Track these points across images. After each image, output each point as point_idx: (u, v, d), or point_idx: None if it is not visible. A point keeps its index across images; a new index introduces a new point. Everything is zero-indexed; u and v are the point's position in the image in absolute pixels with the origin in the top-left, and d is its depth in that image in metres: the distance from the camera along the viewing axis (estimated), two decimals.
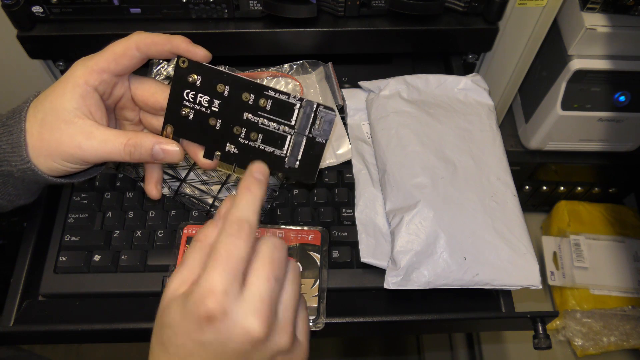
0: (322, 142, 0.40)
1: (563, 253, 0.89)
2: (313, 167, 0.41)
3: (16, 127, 0.38)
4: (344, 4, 0.56)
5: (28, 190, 0.43)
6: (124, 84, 0.41)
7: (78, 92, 0.38)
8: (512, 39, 0.61)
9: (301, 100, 0.39)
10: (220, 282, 0.30)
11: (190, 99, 0.40)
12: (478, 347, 0.89)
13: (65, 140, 0.37)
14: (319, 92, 0.59)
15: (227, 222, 0.32)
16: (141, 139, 0.39)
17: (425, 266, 0.47)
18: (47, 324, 0.47)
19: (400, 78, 0.59)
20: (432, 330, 0.80)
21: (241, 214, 0.32)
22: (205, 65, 0.40)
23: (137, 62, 0.39)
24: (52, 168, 0.39)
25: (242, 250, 0.31)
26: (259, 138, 0.41)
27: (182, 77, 0.40)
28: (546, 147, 0.78)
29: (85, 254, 0.50)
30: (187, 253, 0.34)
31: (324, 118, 0.39)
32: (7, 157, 0.38)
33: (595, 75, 0.67)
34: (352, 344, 1.14)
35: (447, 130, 0.55)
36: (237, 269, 0.30)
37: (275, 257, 0.32)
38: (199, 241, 0.34)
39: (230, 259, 0.30)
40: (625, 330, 0.82)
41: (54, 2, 0.54)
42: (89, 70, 0.38)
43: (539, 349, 0.47)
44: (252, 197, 0.34)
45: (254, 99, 0.40)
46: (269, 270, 0.32)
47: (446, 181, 0.50)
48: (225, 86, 0.40)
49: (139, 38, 0.38)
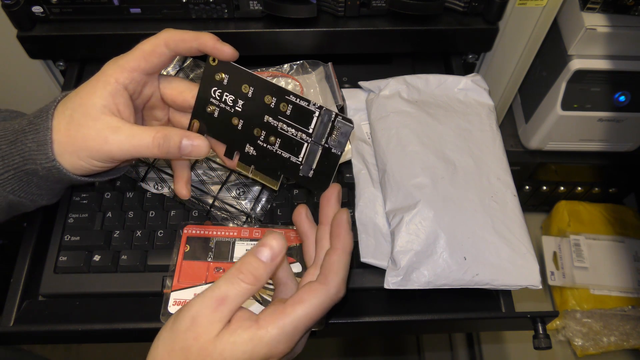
0: (337, 154, 0.40)
1: (563, 253, 0.89)
2: (326, 178, 0.40)
3: (43, 126, 0.38)
4: (344, 4, 0.56)
5: (51, 191, 0.43)
6: (154, 83, 0.42)
7: (108, 90, 0.38)
8: (512, 39, 0.61)
9: (320, 108, 0.39)
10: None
11: (217, 97, 0.41)
12: (478, 347, 0.89)
13: (92, 135, 0.37)
14: (319, 92, 0.59)
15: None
16: (169, 131, 0.39)
17: (425, 266, 0.47)
18: (47, 324, 0.47)
19: (400, 78, 0.59)
20: (432, 330, 0.80)
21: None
22: (233, 64, 0.40)
23: (166, 59, 0.40)
24: (76, 166, 0.39)
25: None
26: (277, 143, 0.41)
27: (211, 74, 0.40)
28: (546, 147, 0.78)
29: (85, 254, 0.50)
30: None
31: (340, 129, 0.39)
32: (33, 156, 0.38)
33: (595, 75, 0.67)
34: (352, 344, 1.14)
35: (447, 130, 0.55)
36: None
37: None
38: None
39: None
40: (625, 330, 0.82)
41: (54, 2, 0.54)
42: (120, 69, 0.38)
43: (539, 349, 0.47)
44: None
45: (275, 102, 0.40)
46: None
47: (446, 181, 0.50)
48: (249, 87, 0.40)
49: (168, 35, 0.39)
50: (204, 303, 0.33)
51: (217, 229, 0.51)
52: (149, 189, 0.54)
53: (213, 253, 0.49)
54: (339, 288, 0.35)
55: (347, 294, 0.36)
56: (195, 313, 0.32)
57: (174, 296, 0.46)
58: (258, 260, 0.33)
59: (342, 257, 0.36)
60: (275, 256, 0.34)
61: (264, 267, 0.33)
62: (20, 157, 0.39)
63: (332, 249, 0.36)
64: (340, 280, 0.35)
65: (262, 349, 0.32)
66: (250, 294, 0.33)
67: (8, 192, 0.40)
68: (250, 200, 0.53)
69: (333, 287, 0.34)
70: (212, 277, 0.48)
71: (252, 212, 0.52)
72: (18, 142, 0.39)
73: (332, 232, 0.37)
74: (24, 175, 0.39)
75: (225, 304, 0.33)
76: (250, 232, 0.51)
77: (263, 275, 0.33)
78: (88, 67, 0.64)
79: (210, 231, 0.50)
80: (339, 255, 0.36)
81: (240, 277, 0.33)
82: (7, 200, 0.40)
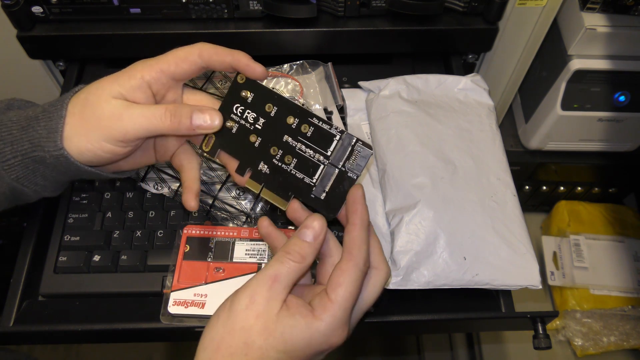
0: (353, 178, 0.40)
1: (563, 253, 0.89)
2: (338, 202, 0.41)
3: (56, 114, 0.39)
4: (343, 4, 0.56)
5: (56, 183, 0.43)
6: (177, 91, 0.42)
7: (131, 83, 0.39)
8: (512, 39, 0.61)
9: (342, 132, 0.40)
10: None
11: (238, 114, 0.41)
12: (478, 347, 0.89)
13: (106, 113, 0.38)
14: (318, 92, 0.59)
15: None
16: (181, 105, 0.40)
17: (425, 266, 0.47)
18: (47, 324, 0.47)
19: (400, 78, 0.59)
20: (432, 330, 0.80)
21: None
22: (260, 84, 0.41)
23: (196, 69, 0.40)
24: (84, 150, 0.39)
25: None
26: (293, 163, 0.41)
27: (236, 91, 0.41)
28: (546, 147, 0.78)
29: (85, 254, 0.50)
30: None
31: (360, 153, 0.40)
32: (42, 142, 0.39)
33: (595, 75, 0.67)
34: (352, 344, 1.14)
35: (447, 130, 0.55)
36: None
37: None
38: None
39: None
40: (625, 330, 0.82)
41: (54, 2, 0.54)
42: (148, 67, 0.39)
43: (539, 349, 0.47)
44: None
45: (297, 123, 0.40)
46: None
47: (446, 181, 0.50)
48: (273, 107, 0.41)
49: (203, 47, 0.40)
50: (260, 282, 0.35)
51: (217, 229, 0.51)
52: (149, 189, 0.54)
53: (213, 253, 0.49)
54: (365, 260, 0.37)
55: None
56: (252, 291, 0.35)
57: (174, 296, 0.46)
58: (303, 242, 0.37)
59: (361, 231, 0.38)
60: (317, 235, 0.37)
61: (308, 246, 0.37)
62: (30, 143, 0.39)
63: (351, 224, 0.38)
64: (364, 253, 0.37)
65: (320, 337, 0.34)
66: (300, 272, 0.36)
67: (12, 179, 0.40)
68: (250, 200, 0.53)
69: (361, 260, 0.36)
70: (212, 277, 0.48)
71: (252, 212, 0.52)
72: (29, 128, 0.39)
73: (349, 208, 0.39)
74: (30, 162, 0.40)
75: (279, 281, 0.35)
76: (250, 232, 0.51)
77: (309, 254, 0.36)
78: (88, 67, 0.64)
79: (210, 231, 0.50)
80: (358, 231, 0.38)
81: (289, 257, 0.36)
82: (11, 187, 0.40)
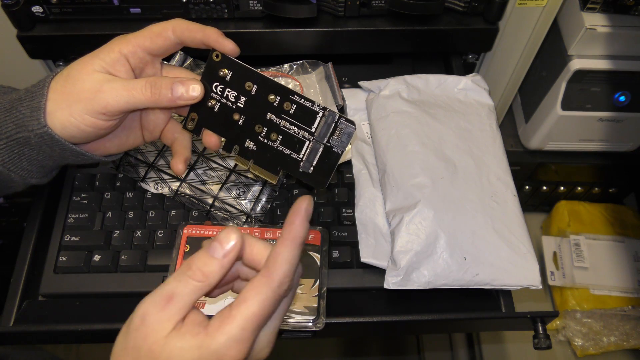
0: (339, 153, 0.41)
1: (563, 253, 0.89)
2: (326, 175, 0.42)
3: (38, 93, 0.39)
4: (344, 4, 0.56)
5: (42, 167, 0.43)
6: (156, 66, 0.42)
7: (110, 57, 0.39)
8: (512, 39, 0.61)
9: (324, 109, 0.40)
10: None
11: (219, 92, 0.42)
12: (478, 347, 0.89)
13: (87, 86, 0.38)
14: (319, 92, 0.59)
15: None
16: (161, 77, 0.41)
17: (425, 266, 0.47)
18: (47, 324, 0.47)
19: (400, 78, 0.59)
20: (432, 330, 0.80)
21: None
22: (238, 62, 0.41)
23: (170, 44, 0.41)
24: (67, 124, 0.39)
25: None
26: (279, 139, 0.42)
27: (213, 69, 0.41)
28: (546, 147, 0.77)
29: (85, 254, 0.50)
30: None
31: (343, 130, 0.41)
32: (26, 122, 0.39)
33: (595, 75, 0.67)
34: (352, 344, 1.14)
35: (447, 130, 0.55)
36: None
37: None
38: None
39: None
40: (625, 330, 0.82)
41: (54, 2, 0.54)
42: (125, 41, 0.40)
43: (539, 349, 0.47)
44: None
45: (279, 101, 0.41)
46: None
47: (446, 181, 0.50)
48: (253, 85, 0.41)
49: (176, 22, 0.40)
50: (152, 301, 0.31)
51: (217, 229, 0.51)
52: (149, 189, 0.54)
53: None
54: (282, 281, 0.31)
55: (347, 294, 0.34)
56: (144, 311, 0.31)
57: None
58: (208, 256, 0.31)
59: (288, 248, 0.32)
60: (227, 252, 0.32)
61: (215, 264, 0.31)
62: (14, 125, 0.39)
63: (281, 239, 0.33)
64: (283, 272, 0.31)
65: (210, 357, 0.30)
66: (201, 292, 0.31)
67: None
68: (250, 200, 0.53)
69: (276, 280, 0.31)
70: None
71: (252, 212, 0.52)
72: (13, 109, 0.39)
73: (287, 219, 0.33)
74: (15, 145, 0.40)
75: (173, 302, 0.31)
76: (249, 232, 0.51)
77: (214, 272, 0.31)
78: None
79: (210, 231, 0.50)
80: (285, 246, 0.32)
81: (189, 273, 0.31)
82: None
